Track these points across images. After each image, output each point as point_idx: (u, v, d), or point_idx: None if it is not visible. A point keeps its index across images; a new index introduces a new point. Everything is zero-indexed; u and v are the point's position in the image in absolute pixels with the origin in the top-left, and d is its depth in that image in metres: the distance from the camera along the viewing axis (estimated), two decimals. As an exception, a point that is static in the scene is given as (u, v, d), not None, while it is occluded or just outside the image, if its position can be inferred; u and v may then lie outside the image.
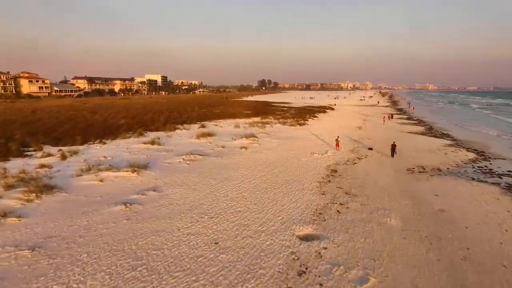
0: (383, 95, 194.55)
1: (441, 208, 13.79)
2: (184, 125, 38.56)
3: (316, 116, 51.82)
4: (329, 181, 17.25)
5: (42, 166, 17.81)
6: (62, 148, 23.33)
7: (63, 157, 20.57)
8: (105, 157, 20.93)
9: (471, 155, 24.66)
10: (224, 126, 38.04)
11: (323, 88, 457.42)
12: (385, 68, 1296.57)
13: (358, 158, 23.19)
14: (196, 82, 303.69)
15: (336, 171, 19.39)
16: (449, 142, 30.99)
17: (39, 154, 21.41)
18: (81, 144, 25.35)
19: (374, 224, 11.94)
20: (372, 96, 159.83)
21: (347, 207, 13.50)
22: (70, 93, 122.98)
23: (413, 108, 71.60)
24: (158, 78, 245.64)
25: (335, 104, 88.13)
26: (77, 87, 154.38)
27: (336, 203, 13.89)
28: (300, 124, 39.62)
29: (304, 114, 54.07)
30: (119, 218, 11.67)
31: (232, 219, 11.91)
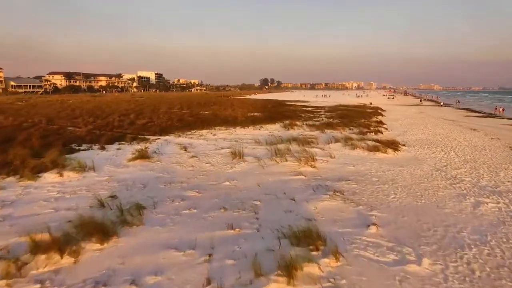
0: (405, 94, 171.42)
1: None
2: (108, 147, 15.61)
3: (381, 123, 28.62)
4: None
5: None
6: None
7: None
8: None
9: None
10: (206, 152, 14.89)
11: (327, 87, 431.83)
12: (389, 68, 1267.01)
13: None
14: (196, 81, 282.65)
15: None
16: None
17: None
18: None
19: None
20: (393, 95, 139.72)
21: None
22: (33, 89, 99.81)
23: (503, 109, 48.94)
24: (151, 75, 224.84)
25: (371, 103, 65.51)
26: (53, 83, 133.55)
27: None
28: (394, 148, 16.11)
29: (356, 118, 30.90)
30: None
31: None
